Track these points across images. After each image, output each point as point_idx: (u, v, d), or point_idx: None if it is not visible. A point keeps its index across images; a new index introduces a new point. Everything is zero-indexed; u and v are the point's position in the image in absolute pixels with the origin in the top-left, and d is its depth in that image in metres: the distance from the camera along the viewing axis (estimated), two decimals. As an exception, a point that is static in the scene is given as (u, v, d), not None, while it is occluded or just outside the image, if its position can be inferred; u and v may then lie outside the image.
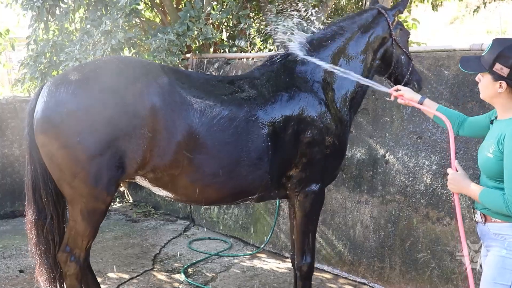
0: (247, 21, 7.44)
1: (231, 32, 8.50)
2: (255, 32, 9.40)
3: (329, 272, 5.52)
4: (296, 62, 3.96)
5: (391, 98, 3.59)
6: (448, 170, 2.90)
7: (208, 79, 3.86)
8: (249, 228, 6.45)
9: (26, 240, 3.88)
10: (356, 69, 4.01)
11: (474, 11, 12.13)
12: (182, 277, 5.29)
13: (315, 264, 5.53)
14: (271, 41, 8.86)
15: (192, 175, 3.54)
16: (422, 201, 4.81)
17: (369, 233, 5.23)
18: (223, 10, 7.26)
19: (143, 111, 3.33)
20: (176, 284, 5.14)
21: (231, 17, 7.42)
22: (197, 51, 7.48)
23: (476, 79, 2.85)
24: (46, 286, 3.75)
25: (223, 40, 8.54)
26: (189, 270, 5.55)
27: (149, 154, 3.39)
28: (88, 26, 6.80)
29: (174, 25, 6.98)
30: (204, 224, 7.13)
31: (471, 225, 4.31)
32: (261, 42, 9.52)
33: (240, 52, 8.25)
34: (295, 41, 4.00)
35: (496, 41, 2.76)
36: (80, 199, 3.43)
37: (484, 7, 11.32)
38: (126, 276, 5.32)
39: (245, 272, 5.51)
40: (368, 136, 5.32)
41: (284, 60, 4.00)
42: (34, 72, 7.06)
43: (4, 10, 8.44)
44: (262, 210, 6.30)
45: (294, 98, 3.78)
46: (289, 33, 3.96)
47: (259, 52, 9.18)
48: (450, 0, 10.88)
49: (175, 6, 8.32)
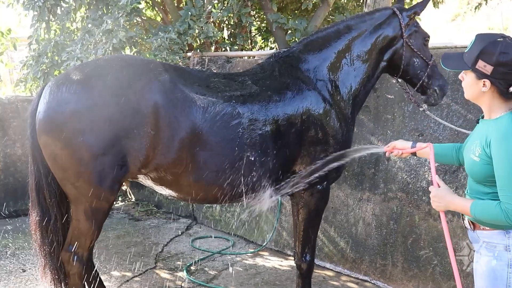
0: (248, 19, 7.44)
1: (232, 30, 8.51)
2: (256, 30, 9.42)
3: (331, 270, 5.52)
4: (299, 60, 3.96)
5: (386, 155, 3.31)
6: (430, 188, 2.72)
7: (210, 76, 3.85)
8: (251, 226, 6.46)
9: (28, 239, 3.89)
10: (359, 68, 4.01)
11: (476, 8, 12.12)
12: (184, 275, 5.30)
13: (317, 261, 5.56)
14: (272, 39, 8.87)
15: (195, 173, 3.53)
16: (424, 198, 4.81)
17: (371, 230, 5.23)
18: (224, 8, 7.27)
19: (146, 109, 3.33)
20: (179, 282, 5.15)
21: (232, 15, 7.43)
22: (198, 50, 7.49)
23: (459, 77, 2.67)
24: (52, 287, 3.74)
25: (224, 38, 8.54)
26: (191, 268, 5.56)
27: (152, 152, 3.39)
28: (90, 25, 6.80)
29: (175, 23, 7.00)
30: (206, 223, 7.14)
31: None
32: (262, 40, 9.54)
33: (241, 50, 8.26)
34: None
35: (479, 36, 2.59)
36: (83, 199, 3.42)
37: (486, 4, 11.30)
38: (129, 274, 5.34)
39: (247, 270, 5.51)
40: (370, 133, 5.32)
41: (287, 57, 4.00)
42: (36, 72, 7.07)
43: (6, 10, 8.44)
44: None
45: (298, 96, 3.77)
46: None
47: (260, 50, 9.19)
48: (452, -3, 10.87)
49: (176, 4, 8.34)
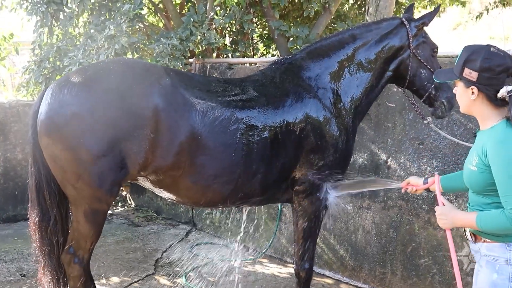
0: (250, 26, 7.46)
1: (234, 37, 8.53)
2: (258, 37, 9.43)
3: (330, 277, 5.52)
4: (302, 67, 3.95)
5: (402, 191, 3.36)
6: (436, 208, 2.76)
7: (211, 81, 3.86)
8: (250, 233, 6.45)
9: (28, 244, 3.89)
10: (362, 77, 3.99)
11: (477, 17, 12.15)
12: (183, 281, 5.30)
13: (317, 269, 5.55)
14: (274, 46, 8.89)
15: (193, 176, 3.54)
16: (423, 206, 4.81)
17: (370, 238, 5.23)
18: (226, 15, 7.29)
19: (146, 112, 3.35)
20: (178, 289, 5.15)
21: (234, 22, 7.45)
22: (200, 56, 7.50)
23: (454, 91, 2.74)
24: (50, 287, 3.76)
25: (226, 45, 8.56)
26: (190, 274, 5.55)
27: (151, 155, 3.40)
28: (92, 31, 6.83)
29: (177, 30, 7.01)
30: (206, 229, 7.13)
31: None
32: (264, 47, 9.56)
33: (243, 57, 8.27)
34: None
35: (465, 47, 2.67)
36: (83, 201, 3.44)
37: (487, 14, 11.33)
38: (128, 280, 5.33)
39: (246, 277, 5.50)
40: (370, 141, 5.32)
41: (289, 65, 4.00)
42: (38, 77, 7.09)
43: (8, 15, 8.46)
44: (264, 215, 6.30)
45: (298, 103, 3.77)
46: None
47: (262, 57, 9.21)
48: (453, 6, 10.90)
49: (178, 11, 8.35)
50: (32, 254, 3.80)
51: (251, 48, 8.99)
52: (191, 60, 7.43)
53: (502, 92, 2.48)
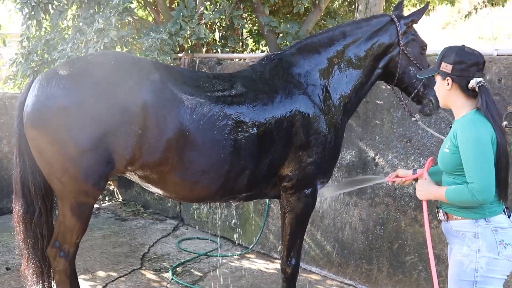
0: (240, 21, 7.44)
1: (224, 32, 8.50)
2: (248, 33, 9.41)
3: (317, 274, 5.53)
4: (291, 63, 3.94)
5: (389, 183, 3.67)
6: (418, 181, 3.15)
7: (200, 76, 3.84)
8: (238, 228, 6.46)
9: (13, 238, 3.85)
10: (351, 75, 3.99)
11: (466, 17, 12.20)
12: (170, 276, 5.29)
13: (303, 265, 5.57)
14: (263, 42, 8.87)
15: (181, 172, 3.54)
16: (410, 204, 4.84)
17: (357, 235, 5.25)
18: (216, 10, 7.26)
19: (134, 107, 3.33)
20: (164, 283, 5.14)
21: (224, 17, 7.42)
22: (189, 51, 7.48)
23: (434, 87, 3.09)
24: (34, 280, 3.73)
25: (215, 40, 8.54)
26: (177, 269, 5.55)
27: (138, 151, 3.39)
28: (81, 24, 6.77)
29: (167, 24, 6.98)
30: (193, 224, 7.13)
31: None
32: (253, 43, 9.54)
33: (233, 52, 8.25)
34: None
35: (444, 48, 3.00)
36: (69, 194, 3.43)
37: (476, 13, 11.39)
38: (114, 274, 5.32)
39: (233, 272, 5.51)
40: (358, 138, 5.34)
41: (279, 61, 3.98)
42: (26, 70, 7.03)
43: (-4, 7, 8.37)
44: (252, 210, 6.31)
45: (287, 99, 3.76)
46: None
47: (251, 53, 9.19)
48: (442, 5, 10.94)
49: (168, 5, 8.31)
50: (17, 244, 3.77)
51: (240, 43, 8.97)
52: (180, 54, 7.40)
53: (472, 83, 2.83)
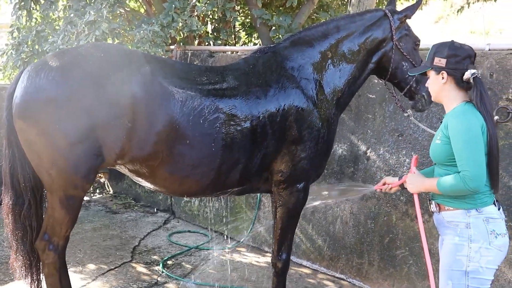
0: (232, 14, 7.41)
1: (216, 25, 8.47)
2: (240, 26, 9.38)
3: (308, 267, 5.54)
4: (285, 57, 3.91)
5: (377, 191, 3.65)
6: (407, 175, 3.20)
7: (192, 69, 3.81)
8: (229, 221, 6.45)
9: (2, 231, 3.83)
10: (344, 69, 3.97)
11: (458, 11, 12.21)
12: (161, 269, 5.28)
13: (294, 259, 5.57)
14: (256, 35, 8.85)
15: (171, 166, 3.52)
16: (401, 198, 4.84)
17: (348, 229, 5.25)
18: (208, 2, 7.22)
19: (124, 100, 3.30)
20: (155, 276, 5.12)
21: (216, 9, 7.39)
22: (181, 43, 7.44)
23: (426, 84, 3.14)
24: (22, 272, 3.71)
25: (207, 32, 8.51)
26: (168, 262, 5.54)
27: (128, 144, 3.37)
28: (72, 16, 6.72)
29: (159, 16, 6.94)
30: (184, 217, 7.12)
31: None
32: (246, 35, 9.52)
33: (225, 45, 8.23)
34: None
35: (433, 45, 3.07)
36: (58, 187, 3.40)
37: (468, 7, 11.40)
38: (105, 267, 5.30)
39: (224, 265, 5.50)
40: (350, 132, 5.34)
41: (272, 54, 3.95)
42: (16, 61, 6.98)
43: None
44: (243, 204, 6.30)
45: (281, 93, 3.73)
46: None
47: (243, 45, 9.17)
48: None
49: (160, -3, 8.26)
50: (6, 236, 3.75)
51: (233, 36, 8.95)
52: (172, 47, 7.37)
53: (467, 74, 2.88)
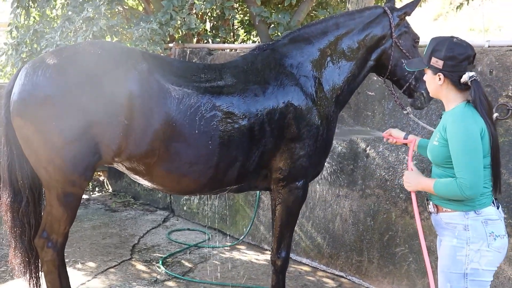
0: (231, 12, 7.40)
1: (215, 22, 8.45)
2: (239, 23, 9.37)
3: (307, 265, 5.54)
4: (283, 54, 3.90)
5: (384, 140, 3.68)
6: (405, 172, 3.15)
7: (190, 67, 3.81)
8: (228, 219, 6.44)
9: (1, 229, 3.83)
10: (344, 66, 3.95)
11: (457, 8, 12.19)
12: (160, 267, 5.27)
13: (294, 256, 5.57)
14: (254, 32, 8.83)
15: (168, 164, 3.51)
16: (401, 195, 4.84)
17: (348, 226, 5.25)
18: (207, 0, 7.21)
19: (120, 98, 3.31)
20: (154, 274, 5.12)
21: (215, 7, 7.38)
22: (180, 41, 7.43)
23: (424, 78, 3.07)
24: (21, 269, 3.72)
25: (206, 30, 8.49)
26: (167, 260, 5.53)
27: (125, 142, 3.37)
28: (70, 13, 6.71)
29: (157, 14, 6.93)
30: (183, 215, 7.11)
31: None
32: (244, 33, 9.50)
33: (224, 42, 8.21)
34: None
35: (432, 39, 2.97)
36: (56, 184, 3.41)
37: (467, 4, 11.37)
38: (104, 265, 5.29)
39: (223, 263, 5.50)
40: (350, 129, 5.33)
41: (271, 51, 3.94)
42: (16, 61, 6.98)
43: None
44: (242, 201, 6.30)
45: (279, 90, 3.72)
46: None
47: (242, 43, 9.16)
48: (434, -3, 10.92)
49: (158, -6, 8.24)
50: (4, 233, 3.75)
51: (231, 34, 8.94)
52: (170, 44, 7.35)
53: (464, 78, 2.81)
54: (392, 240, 4.87)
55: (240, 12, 9.36)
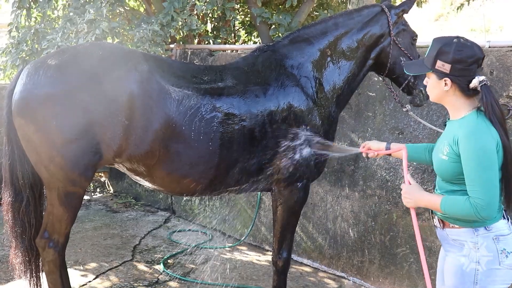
0: (232, 13, 7.40)
1: (216, 23, 8.46)
2: (240, 24, 9.37)
3: (308, 266, 5.54)
4: (284, 55, 3.91)
5: (363, 155, 3.38)
6: (402, 186, 2.81)
7: (190, 68, 3.82)
8: (229, 220, 6.45)
9: (2, 230, 3.84)
10: (344, 66, 3.96)
11: (458, 9, 12.19)
12: (161, 268, 5.28)
13: (295, 257, 5.57)
14: (255, 33, 8.84)
15: (168, 165, 3.52)
16: (402, 196, 4.83)
17: (349, 227, 5.25)
18: (208, 1, 7.22)
19: (121, 98, 3.32)
20: (156, 275, 5.12)
21: (216, 8, 7.38)
22: (181, 42, 7.44)
23: (424, 82, 2.80)
24: (21, 269, 3.74)
25: (207, 31, 8.50)
26: (169, 261, 5.54)
27: (125, 142, 3.38)
28: (71, 14, 6.72)
29: (159, 15, 6.94)
30: (185, 216, 7.11)
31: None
32: (245, 34, 9.51)
33: (225, 43, 8.22)
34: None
35: (436, 40, 2.72)
36: (56, 183, 3.42)
37: (468, 5, 11.38)
38: (105, 266, 5.30)
39: (225, 264, 5.50)
40: (350, 130, 5.33)
41: (271, 52, 3.95)
42: (16, 60, 6.98)
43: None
44: (243, 202, 6.30)
45: (280, 91, 3.73)
46: None
47: (243, 44, 9.16)
48: (435, -3, 10.93)
49: (159, -4, 8.26)
50: (5, 232, 3.77)
51: (232, 35, 8.94)
52: (172, 46, 7.36)
53: (474, 83, 2.56)
54: (393, 241, 4.88)
55: (241, 13, 9.37)
